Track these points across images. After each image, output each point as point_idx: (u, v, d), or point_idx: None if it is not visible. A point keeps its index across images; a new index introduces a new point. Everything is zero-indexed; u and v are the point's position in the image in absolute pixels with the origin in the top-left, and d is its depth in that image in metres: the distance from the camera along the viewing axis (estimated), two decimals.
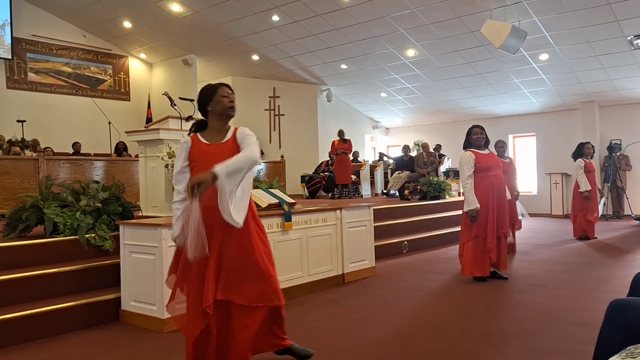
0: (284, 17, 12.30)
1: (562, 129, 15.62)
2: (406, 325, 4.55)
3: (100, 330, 4.61)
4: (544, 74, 13.54)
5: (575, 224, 10.02)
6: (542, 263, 7.56)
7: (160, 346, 4.15)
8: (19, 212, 5.37)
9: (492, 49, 11.80)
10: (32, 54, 14.11)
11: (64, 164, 9.02)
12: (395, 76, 15.03)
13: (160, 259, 4.51)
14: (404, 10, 11.39)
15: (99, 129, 13.67)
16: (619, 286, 5.74)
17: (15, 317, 4.23)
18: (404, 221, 9.50)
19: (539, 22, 10.97)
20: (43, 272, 4.74)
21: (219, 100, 3.37)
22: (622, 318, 2.30)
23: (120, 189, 5.85)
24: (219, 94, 3.38)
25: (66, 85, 14.71)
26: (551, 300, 5.33)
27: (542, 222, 13.51)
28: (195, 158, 3.30)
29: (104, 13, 13.70)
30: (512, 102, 15.62)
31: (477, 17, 11.05)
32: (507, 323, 4.58)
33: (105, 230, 5.33)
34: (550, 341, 4.04)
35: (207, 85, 3.47)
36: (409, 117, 18.58)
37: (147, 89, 16.39)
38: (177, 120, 6.22)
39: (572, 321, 4.55)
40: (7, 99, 13.50)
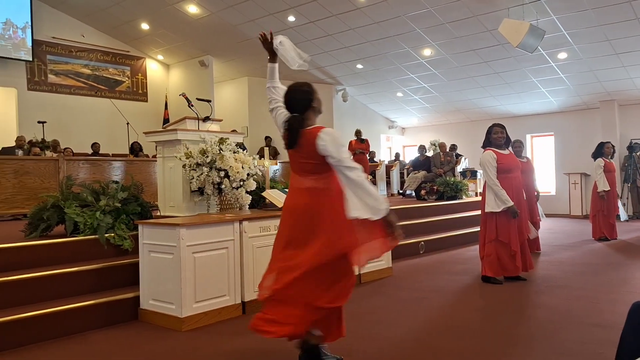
0: (299, 17, 12.32)
1: (581, 129, 15.46)
2: (423, 326, 4.54)
3: (119, 328, 4.66)
4: (562, 73, 13.43)
5: (594, 224, 9.91)
6: (561, 264, 7.49)
7: (178, 345, 4.19)
8: (40, 211, 5.44)
9: (509, 48, 11.73)
10: (52, 55, 14.28)
11: (84, 164, 9.12)
12: (411, 76, 14.99)
13: (179, 258, 4.55)
14: (421, 10, 11.36)
15: (117, 129, 13.79)
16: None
17: (37, 315, 4.29)
18: (420, 221, 9.47)
19: (557, 20, 10.89)
20: (64, 271, 4.80)
21: (319, 99, 3.70)
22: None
23: (138, 189, 5.91)
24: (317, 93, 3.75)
25: (85, 87, 14.87)
26: (571, 302, 5.27)
27: (560, 223, 13.39)
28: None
29: (122, 15, 13.82)
30: (530, 101, 15.51)
31: (494, 16, 10.99)
32: (525, 324, 4.54)
33: (124, 229, 5.38)
34: (570, 343, 4.00)
35: (309, 84, 3.83)
36: (425, 117, 18.52)
37: (164, 90, 16.51)
38: (194, 121, 6.26)
39: (592, 323, 4.50)
40: (28, 100, 13.67)
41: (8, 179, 8.26)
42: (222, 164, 5.76)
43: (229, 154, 5.83)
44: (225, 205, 6.11)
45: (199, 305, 4.69)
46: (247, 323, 4.68)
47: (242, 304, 5.08)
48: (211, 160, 5.77)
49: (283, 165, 12.29)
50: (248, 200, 6.15)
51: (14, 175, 8.31)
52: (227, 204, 6.10)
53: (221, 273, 4.90)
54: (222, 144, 5.89)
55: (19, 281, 4.51)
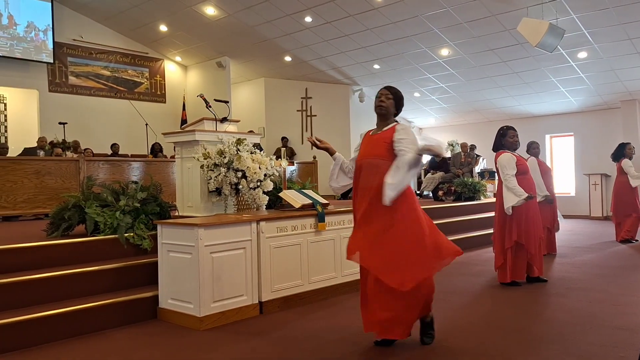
0: (316, 18, 12.35)
1: (601, 129, 15.28)
2: (440, 327, 4.51)
3: (138, 327, 4.72)
4: (582, 73, 13.30)
5: (620, 226, 9.79)
6: (581, 266, 7.41)
7: (197, 344, 4.23)
8: (61, 211, 5.53)
9: (528, 48, 11.64)
10: (73, 57, 14.48)
11: (103, 164, 9.23)
12: (428, 76, 14.94)
13: (197, 258, 4.60)
14: (438, 9, 11.32)
15: (136, 130, 13.92)
16: None
17: (58, 313, 4.35)
18: (437, 222, 9.35)
19: (577, 19, 10.79)
20: (84, 270, 4.86)
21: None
22: None
23: (157, 189, 5.97)
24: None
25: (105, 88, 15.04)
26: (591, 304, 5.22)
27: (581, 224, 13.23)
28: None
29: (141, 17, 13.96)
30: (549, 101, 15.37)
31: (513, 15, 10.92)
32: (544, 327, 4.50)
33: (143, 229, 5.45)
34: (590, 346, 3.95)
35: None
36: (443, 117, 18.44)
37: (182, 91, 16.65)
38: (212, 122, 6.31)
39: (613, 325, 4.44)
40: (49, 101, 13.87)
41: (30, 179, 8.40)
42: (239, 165, 5.80)
43: (246, 155, 5.87)
44: (243, 205, 6.15)
45: (217, 304, 4.73)
46: (264, 323, 4.75)
47: (260, 304, 5.11)
48: (228, 160, 5.82)
49: (300, 165, 12.33)
50: (265, 200, 6.19)
51: (35, 176, 8.44)
52: (245, 204, 6.14)
53: (239, 273, 4.94)
54: (239, 145, 5.93)
55: (41, 280, 4.58)
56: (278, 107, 16.55)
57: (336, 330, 4.54)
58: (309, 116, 16.73)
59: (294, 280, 5.44)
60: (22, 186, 8.32)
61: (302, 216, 5.58)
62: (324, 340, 4.27)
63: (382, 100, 4.20)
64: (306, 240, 5.59)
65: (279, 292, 5.28)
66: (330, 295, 5.75)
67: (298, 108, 16.76)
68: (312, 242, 5.64)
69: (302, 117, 16.77)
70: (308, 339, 4.30)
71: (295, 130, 16.62)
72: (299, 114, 16.77)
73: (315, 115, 16.71)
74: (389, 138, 3.99)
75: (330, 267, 5.84)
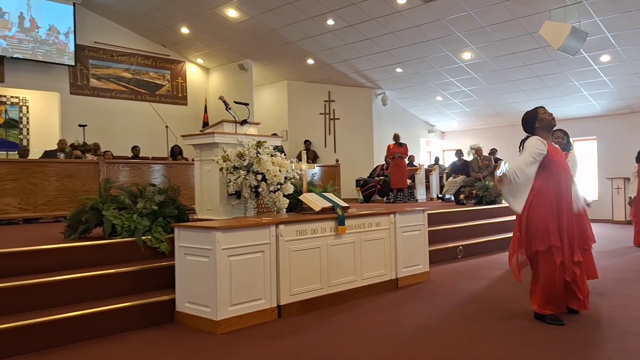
0: (338, 21, 12.31)
1: (624, 133, 15.05)
2: (460, 333, 4.46)
3: (155, 330, 4.69)
4: (605, 76, 13.10)
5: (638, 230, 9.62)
6: (603, 270, 7.20)
7: (213, 347, 4.19)
8: (79, 214, 5.53)
9: (551, 51, 11.50)
10: (94, 60, 14.61)
11: (123, 167, 9.27)
12: (451, 79, 14.83)
13: (214, 262, 4.55)
14: (460, 13, 11.23)
15: (157, 133, 14.00)
16: None
17: (75, 315, 4.34)
18: (459, 226, 9.34)
19: (600, 22, 10.62)
20: (102, 272, 4.85)
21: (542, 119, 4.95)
22: None
23: (176, 192, 5.95)
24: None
25: (126, 91, 15.15)
26: (611, 310, 5.12)
27: (603, 229, 13.02)
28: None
29: (162, 20, 14.04)
30: (572, 105, 15.17)
31: (535, 19, 10.79)
32: (564, 333, 4.40)
33: (161, 232, 5.42)
34: (612, 351, 3.89)
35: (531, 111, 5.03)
36: (465, 121, 18.29)
37: (204, 93, 16.71)
38: (231, 124, 6.28)
39: (635, 331, 4.37)
40: (71, 104, 14.00)
41: (51, 181, 8.45)
42: (259, 168, 5.76)
43: (266, 157, 5.84)
44: (263, 208, 6.12)
45: (235, 308, 4.68)
46: (282, 327, 4.70)
47: (278, 307, 5.06)
48: (248, 163, 5.79)
49: (322, 169, 12.28)
50: (285, 203, 6.14)
51: (56, 178, 8.50)
52: (265, 207, 6.11)
53: (257, 276, 4.89)
54: (259, 147, 5.90)
55: (58, 282, 4.57)
56: (301, 110, 16.54)
57: (356, 333, 4.47)
58: (332, 119, 16.70)
59: (313, 284, 5.38)
60: (42, 188, 8.38)
61: (322, 219, 5.53)
62: (344, 344, 4.21)
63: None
64: (326, 244, 5.53)
65: (298, 295, 5.23)
66: (350, 299, 5.69)
67: (321, 111, 16.74)
68: (331, 246, 5.57)
69: (325, 120, 16.75)
70: (327, 343, 4.25)
71: (319, 134, 16.60)
72: (322, 117, 16.75)
73: (338, 119, 16.68)
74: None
75: (350, 271, 5.77)
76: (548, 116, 4.95)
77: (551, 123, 4.98)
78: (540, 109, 5.05)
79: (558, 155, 4.77)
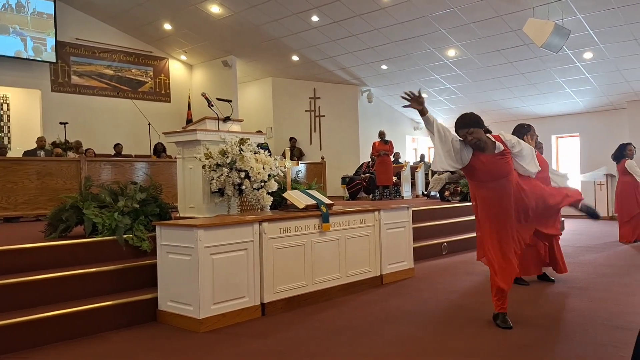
0: (323, 17, 12.26)
1: (607, 129, 15.17)
2: (443, 327, 4.48)
3: (137, 329, 4.63)
4: (588, 73, 13.18)
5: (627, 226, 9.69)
6: (585, 265, 7.39)
7: (196, 346, 4.14)
8: (59, 212, 5.44)
9: (534, 48, 11.54)
10: (76, 57, 14.42)
11: (105, 165, 9.16)
12: (436, 77, 14.84)
13: (197, 260, 4.50)
14: (445, 10, 11.23)
15: (140, 130, 13.87)
16: None
17: (56, 315, 4.28)
18: (444, 222, 9.36)
19: (583, 19, 10.67)
20: (82, 271, 4.78)
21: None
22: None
23: (157, 190, 5.89)
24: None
25: (108, 88, 14.98)
26: (593, 303, 5.19)
27: (585, 224, 13.14)
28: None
29: (144, 16, 13.90)
30: (555, 102, 15.26)
31: (519, 16, 10.82)
32: (547, 326, 4.45)
33: (142, 230, 5.36)
34: (591, 345, 3.92)
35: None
36: (451, 118, 18.24)
37: (187, 90, 16.57)
38: (214, 122, 6.22)
39: (614, 325, 4.42)
40: (52, 101, 13.81)
41: (31, 180, 8.33)
42: (242, 165, 5.71)
43: (249, 155, 5.78)
44: (246, 206, 6.06)
45: (217, 306, 4.64)
46: (266, 325, 4.66)
47: (262, 305, 5.03)
48: (231, 160, 5.73)
49: (307, 166, 12.24)
50: (269, 201, 6.10)
51: (37, 177, 8.37)
52: (248, 205, 6.06)
53: (240, 274, 4.85)
54: (242, 145, 5.84)
55: (39, 281, 4.50)
56: (286, 107, 16.46)
57: (340, 331, 4.45)
58: (318, 116, 16.63)
59: (297, 281, 5.35)
60: (22, 187, 8.25)
61: (306, 217, 5.49)
62: (328, 341, 4.19)
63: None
64: (310, 241, 5.50)
65: (282, 293, 5.20)
66: (334, 296, 5.67)
67: (306, 108, 16.67)
68: (316, 243, 5.55)
69: (311, 118, 16.68)
70: (311, 341, 4.23)
71: (304, 131, 16.53)
72: (307, 114, 16.68)
73: (323, 116, 16.62)
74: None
75: (334, 268, 5.75)
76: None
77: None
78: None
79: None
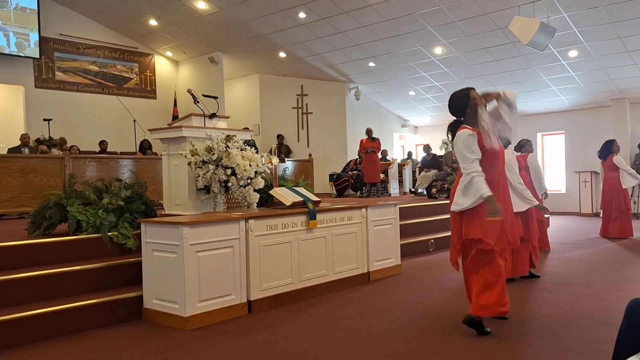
0: (310, 14, 12.22)
1: (592, 127, 15.31)
2: (430, 324, 4.49)
3: (122, 327, 4.60)
4: (573, 71, 13.27)
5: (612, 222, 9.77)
6: (570, 261, 7.46)
7: (181, 344, 4.11)
8: (43, 210, 5.38)
9: (520, 46, 11.59)
10: (60, 53, 14.25)
11: (90, 162, 9.08)
12: (423, 74, 14.86)
13: (182, 257, 4.47)
14: (431, 7, 11.23)
15: (125, 127, 13.75)
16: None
17: (40, 313, 4.23)
18: (431, 219, 9.38)
19: (568, 17, 10.73)
20: (67, 269, 4.73)
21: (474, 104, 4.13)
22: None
23: (142, 187, 5.84)
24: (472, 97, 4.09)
25: (93, 84, 14.82)
26: (577, 299, 5.25)
27: (571, 221, 13.28)
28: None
29: (130, 11, 13.77)
30: (540, 100, 15.36)
31: (505, 14, 10.85)
32: (531, 321, 4.50)
33: (127, 228, 5.31)
34: (575, 341, 3.96)
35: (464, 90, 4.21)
36: (438, 116, 18.37)
37: (173, 86, 16.45)
38: (200, 118, 6.19)
39: (597, 320, 4.47)
40: (36, 98, 13.64)
41: (15, 177, 8.24)
42: (228, 162, 5.68)
43: (236, 152, 5.76)
44: (233, 203, 6.04)
45: (203, 304, 4.61)
46: (253, 322, 4.65)
47: (248, 303, 5.01)
48: (217, 157, 5.70)
49: (294, 163, 12.22)
50: (256, 198, 6.08)
51: (20, 174, 8.28)
52: (235, 202, 6.03)
53: (226, 272, 4.82)
54: (228, 141, 5.81)
55: (22, 279, 4.45)
56: (273, 104, 16.39)
57: (326, 327, 4.45)
58: (305, 114, 16.58)
59: (284, 279, 5.34)
60: (6, 184, 8.16)
61: (293, 214, 5.48)
62: (314, 338, 4.18)
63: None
64: (297, 238, 5.49)
65: (268, 290, 5.18)
66: (321, 293, 5.67)
67: (294, 105, 16.60)
68: (302, 240, 5.53)
69: (298, 115, 16.62)
70: (298, 338, 4.22)
71: (292, 128, 16.48)
72: (294, 112, 16.61)
73: (311, 113, 16.56)
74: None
75: (321, 265, 5.74)
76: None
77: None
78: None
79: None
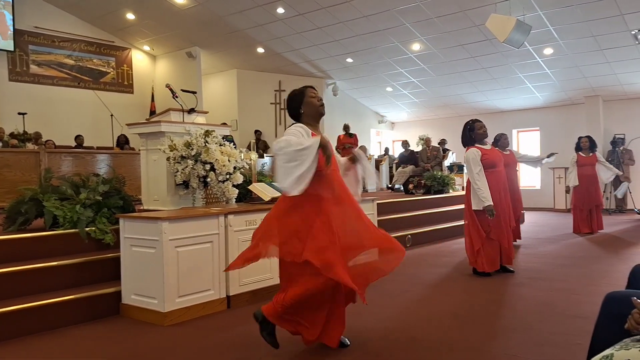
0: (288, 9, 12.20)
1: (566, 124, 15.53)
2: (407, 318, 4.53)
3: (101, 323, 4.58)
4: (548, 69, 13.45)
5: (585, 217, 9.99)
6: (544, 256, 7.58)
7: (160, 340, 4.11)
8: (18, 205, 5.32)
9: (496, 43, 11.72)
10: (35, 45, 14.03)
11: (66, 157, 8.97)
12: (400, 70, 14.94)
13: (161, 253, 4.47)
14: (409, 4, 11.30)
15: (102, 122, 13.60)
16: (619, 279, 5.70)
17: (16, 310, 4.20)
18: (408, 215, 9.46)
19: (544, 15, 10.88)
20: (43, 265, 4.70)
21: (308, 102, 3.65)
22: (617, 310, 2.28)
23: (120, 182, 5.81)
24: (308, 95, 3.65)
25: (68, 78, 14.62)
26: (552, 293, 5.33)
27: (545, 217, 13.47)
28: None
29: (106, 5, 13.60)
30: (516, 96, 15.55)
31: (482, 11, 10.96)
32: (505, 316, 4.57)
33: (105, 223, 5.28)
34: (549, 334, 4.03)
35: (296, 90, 3.72)
36: (415, 112, 18.49)
37: (150, 81, 16.31)
38: (179, 113, 6.16)
39: (572, 314, 4.55)
40: (9, 91, 13.42)
41: None
42: (207, 157, 5.67)
43: (214, 147, 5.75)
44: (212, 198, 6.03)
45: (182, 299, 4.61)
46: (231, 318, 4.65)
47: (227, 298, 5.02)
48: (196, 153, 5.69)
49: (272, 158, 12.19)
50: (235, 193, 6.07)
51: None
52: (213, 197, 6.02)
53: (205, 267, 4.83)
54: (207, 137, 5.80)
55: None
56: (251, 100, 16.33)
57: None
58: (283, 109, 16.53)
59: (263, 274, 5.33)
60: None
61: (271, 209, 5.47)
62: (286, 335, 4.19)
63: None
64: None
65: (247, 285, 5.19)
66: None
67: (272, 101, 16.56)
68: None
69: (276, 110, 16.59)
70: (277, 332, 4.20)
71: (269, 123, 16.44)
72: (272, 107, 16.58)
73: None
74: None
75: None
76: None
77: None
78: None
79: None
